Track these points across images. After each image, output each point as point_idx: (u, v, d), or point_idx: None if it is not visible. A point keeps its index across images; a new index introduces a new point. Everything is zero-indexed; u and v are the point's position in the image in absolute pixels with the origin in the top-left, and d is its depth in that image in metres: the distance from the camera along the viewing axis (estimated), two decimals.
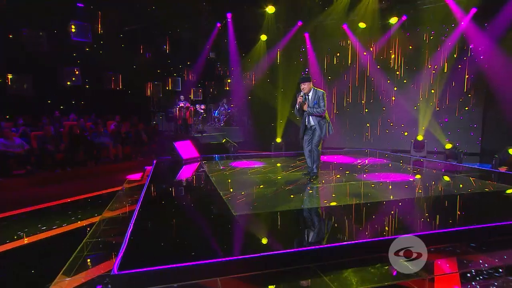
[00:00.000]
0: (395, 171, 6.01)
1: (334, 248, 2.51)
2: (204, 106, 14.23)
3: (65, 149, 7.88)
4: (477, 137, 9.03)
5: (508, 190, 4.48)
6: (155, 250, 2.62)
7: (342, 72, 10.48)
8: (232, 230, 3.16)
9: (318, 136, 4.72)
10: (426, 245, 2.56)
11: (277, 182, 5.05)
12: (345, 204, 3.88)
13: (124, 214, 4.05)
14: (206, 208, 3.97)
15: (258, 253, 2.42)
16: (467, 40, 8.59)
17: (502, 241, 2.89)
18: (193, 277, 2.23)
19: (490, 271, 2.45)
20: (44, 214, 4.36)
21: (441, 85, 8.95)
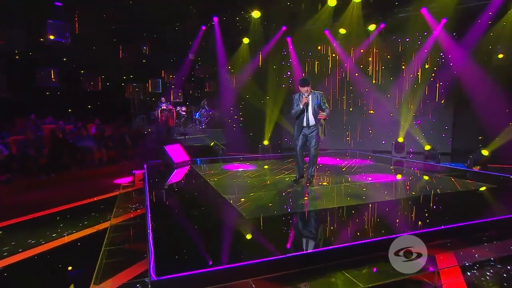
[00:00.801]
0: (385, 172, 6.43)
1: (355, 246, 2.73)
2: (186, 108, 14.16)
3: (48, 154, 7.63)
4: (448, 138, 9.73)
5: (482, 188, 4.99)
6: (183, 255, 2.71)
7: (324, 77, 10.87)
8: (249, 234, 3.30)
9: (316, 142, 4.87)
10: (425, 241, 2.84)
11: (276, 185, 5.23)
12: (350, 204, 4.14)
13: (133, 220, 4.07)
14: (217, 213, 4.06)
15: (282, 254, 2.59)
16: (440, 47, 9.24)
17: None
18: (227, 280, 2.36)
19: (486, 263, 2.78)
20: (43, 223, 4.25)
21: (417, 90, 9.56)
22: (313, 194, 4.66)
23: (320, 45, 10.89)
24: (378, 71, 10.37)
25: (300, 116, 4.90)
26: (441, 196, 4.50)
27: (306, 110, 4.85)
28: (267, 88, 10.93)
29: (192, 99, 15.32)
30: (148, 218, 3.54)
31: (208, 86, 15.07)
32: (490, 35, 8.62)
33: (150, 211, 3.77)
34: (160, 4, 10.53)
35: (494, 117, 7.90)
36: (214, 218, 3.88)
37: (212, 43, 11.36)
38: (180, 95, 14.95)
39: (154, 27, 12.55)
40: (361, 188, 5.04)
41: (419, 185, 5.31)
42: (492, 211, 3.99)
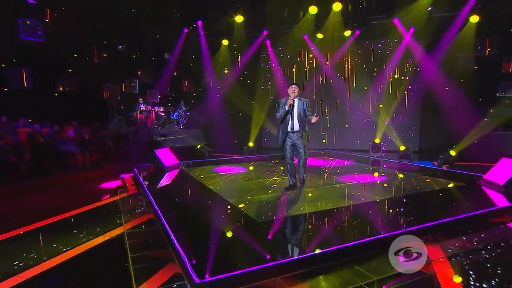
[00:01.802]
0: (368, 173, 6.99)
1: (369, 242, 3.13)
2: (163, 109, 14.05)
3: (30, 160, 7.39)
4: (416, 137, 10.60)
5: (451, 185, 5.66)
6: (213, 257, 2.95)
7: (303, 79, 11.34)
8: (265, 236, 3.59)
9: (304, 150, 5.00)
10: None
11: (272, 188, 5.55)
12: (348, 205, 4.55)
13: (146, 225, 4.21)
14: (227, 216, 4.28)
15: (303, 254, 2.92)
16: (410, 54, 10.02)
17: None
18: (260, 278, 2.64)
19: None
20: (52, 232, 4.24)
21: (390, 94, 10.33)
22: (311, 196, 5.01)
23: (300, 49, 11.33)
24: (354, 75, 11.03)
25: (285, 120, 4.96)
26: (422, 195, 5.07)
27: (292, 116, 4.92)
28: (251, 90, 11.22)
29: (169, 99, 15.18)
30: (164, 224, 3.71)
31: (185, 86, 15.03)
32: (454, 44, 9.51)
33: (163, 216, 3.94)
34: (138, 4, 10.43)
35: (459, 120, 8.80)
36: (226, 221, 4.11)
37: (193, 45, 11.40)
38: (157, 95, 14.81)
39: (131, 27, 12.32)
40: (352, 189, 5.50)
41: (402, 185, 5.83)
42: (466, 207, 4.58)
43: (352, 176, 6.49)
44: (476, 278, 2.80)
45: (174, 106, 14.68)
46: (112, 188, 6.74)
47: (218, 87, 11.87)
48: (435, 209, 4.44)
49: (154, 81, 14.66)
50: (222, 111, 11.38)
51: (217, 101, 11.53)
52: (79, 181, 7.64)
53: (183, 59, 13.55)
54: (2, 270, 3.09)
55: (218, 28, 10.28)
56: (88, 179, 7.72)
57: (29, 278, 2.98)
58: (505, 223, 4.07)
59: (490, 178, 5.42)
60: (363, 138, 10.66)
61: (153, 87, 14.61)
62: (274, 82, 11.58)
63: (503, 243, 3.54)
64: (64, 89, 11.88)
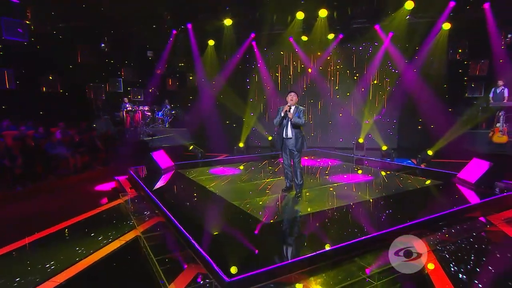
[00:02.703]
0: (356, 173, 7.55)
1: (369, 239, 3.59)
2: (149, 108, 14.02)
3: (23, 164, 7.36)
4: (395, 136, 11.33)
5: (430, 183, 6.30)
6: (232, 256, 3.31)
7: (289, 84, 11.81)
8: (278, 235, 3.99)
9: (299, 156, 5.29)
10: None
11: (270, 189, 5.95)
12: (345, 204, 5.02)
13: (159, 228, 4.47)
14: (236, 218, 4.60)
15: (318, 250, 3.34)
16: (390, 57, 10.67)
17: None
18: (281, 274, 3.04)
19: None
20: (66, 237, 4.42)
21: (372, 94, 10.97)
22: (307, 197, 5.42)
23: (285, 51, 11.73)
24: (337, 77, 11.58)
25: (281, 127, 5.25)
26: (407, 194, 5.64)
27: (287, 123, 5.19)
28: (240, 91, 11.52)
29: (154, 98, 15.11)
30: (180, 228, 4.00)
31: (169, 85, 15.05)
32: (430, 48, 10.24)
33: (176, 220, 4.23)
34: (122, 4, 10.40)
35: (433, 119, 9.56)
36: (236, 223, 4.44)
37: (181, 45, 11.52)
38: (142, 94, 14.75)
39: (114, 26, 12.22)
40: (344, 189, 5.99)
41: (388, 185, 6.34)
42: (444, 204, 5.13)
43: (342, 176, 7.01)
44: (455, 265, 3.33)
45: (159, 105, 14.70)
46: (108, 191, 6.91)
47: (213, 87, 12.01)
48: (419, 207, 4.99)
49: (138, 79, 14.62)
50: (212, 111, 11.58)
51: (207, 101, 11.71)
52: (73, 184, 7.69)
53: (170, 59, 13.60)
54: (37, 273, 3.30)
55: (206, 29, 10.45)
56: (82, 182, 7.79)
57: (62, 282, 3.22)
58: (476, 218, 4.68)
59: (463, 177, 6.08)
60: (346, 137, 11.29)
61: (137, 86, 14.57)
62: (261, 83, 11.93)
63: (475, 235, 4.13)
64: (48, 90, 11.67)
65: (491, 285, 3.06)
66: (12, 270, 3.48)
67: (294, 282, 3.05)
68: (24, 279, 3.25)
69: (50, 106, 11.57)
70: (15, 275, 3.32)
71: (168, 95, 14.49)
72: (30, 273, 3.37)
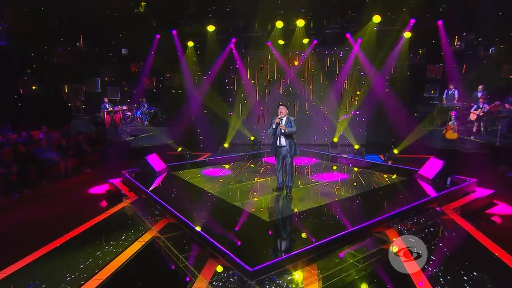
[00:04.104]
0: (333, 171, 8.53)
1: (357, 230, 4.48)
2: (127, 107, 14.14)
3: (17, 171, 7.52)
4: (363, 133, 12.49)
5: (396, 179, 7.40)
6: (248, 249, 4.05)
7: (271, 85, 12.59)
8: (279, 231, 4.75)
9: (291, 161, 6.06)
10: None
11: (262, 190, 6.70)
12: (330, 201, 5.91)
13: (172, 228, 5.07)
14: (238, 217, 5.28)
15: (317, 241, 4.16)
16: (359, 62, 11.72)
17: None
18: (291, 262, 3.83)
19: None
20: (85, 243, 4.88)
21: (345, 98, 12.05)
22: (296, 196, 6.25)
23: (264, 54, 12.43)
24: (312, 79, 12.52)
25: (275, 136, 5.95)
26: (380, 190, 6.69)
27: (280, 133, 5.81)
28: (222, 92, 12.12)
29: (130, 97, 15.16)
30: (194, 227, 4.66)
31: (146, 83, 15.12)
32: (393, 54, 11.41)
33: (188, 221, 4.87)
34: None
35: (396, 117, 10.80)
36: (242, 222, 5.15)
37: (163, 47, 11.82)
38: (118, 93, 14.78)
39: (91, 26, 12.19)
40: (327, 187, 6.91)
41: (363, 182, 7.27)
42: (409, 198, 6.17)
43: (323, 174, 7.95)
44: None
45: (137, 104, 14.82)
46: (103, 194, 7.24)
47: (196, 87, 12.34)
48: (390, 201, 6.02)
49: (115, 78, 14.64)
50: (194, 110, 12.01)
51: (190, 101, 12.08)
52: (67, 188, 7.86)
53: (153, 60, 13.73)
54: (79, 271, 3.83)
55: (187, 32, 10.86)
56: (75, 186, 7.99)
57: (104, 280, 3.78)
58: (434, 208, 5.76)
59: (423, 173, 7.22)
60: (320, 135, 12.34)
61: (115, 85, 14.58)
62: (241, 85, 12.57)
63: (433, 222, 5.19)
64: (24, 91, 11.51)
65: (443, 259, 4.04)
66: (57, 269, 3.98)
67: (300, 268, 3.86)
68: (70, 278, 3.78)
69: (28, 108, 11.46)
70: (63, 274, 3.85)
71: (146, 94, 14.62)
72: (73, 272, 3.90)
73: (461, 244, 4.60)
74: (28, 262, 4.16)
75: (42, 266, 4.14)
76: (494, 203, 6.06)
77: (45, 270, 4.04)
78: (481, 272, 3.71)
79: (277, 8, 9.96)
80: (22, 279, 3.83)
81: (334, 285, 3.57)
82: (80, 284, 3.66)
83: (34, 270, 4.02)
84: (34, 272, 3.99)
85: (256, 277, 3.56)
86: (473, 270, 3.76)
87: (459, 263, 3.96)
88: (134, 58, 14.67)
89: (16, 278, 3.85)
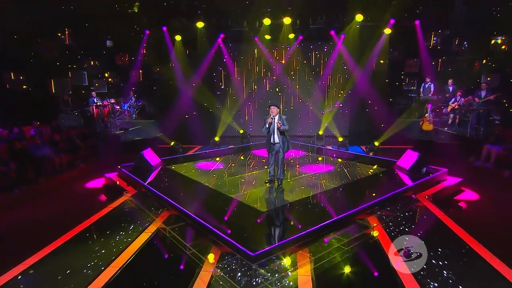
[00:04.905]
0: (320, 163, 9.12)
1: (343, 217, 5.08)
2: (114, 100, 14.22)
3: (16, 168, 7.71)
4: (346, 124, 13.14)
5: (377, 169, 8.08)
6: (248, 237, 4.58)
7: (257, 76, 12.98)
8: (273, 220, 5.31)
9: (283, 156, 6.64)
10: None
11: (254, 183, 7.23)
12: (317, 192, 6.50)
13: (175, 221, 5.52)
14: (238, 209, 5.80)
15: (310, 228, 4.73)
16: (342, 56, 12.27)
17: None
18: (284, 248, 4.38)
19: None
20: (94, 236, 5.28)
21: (329, 92, 12.65)
22: (287, 187, 6.81)
23: (251, 49, 12.78)
24: (297, 73, 13.01)
25: (268, 134, 6.51)
26: (363, 180, 7.35)
27: (273, 131, 6.39)
28: (211, 86, 12.47)
29: (117, 90, 15.19)
30: (197, 219, 5.13)
31: (134, 76, 15.15)
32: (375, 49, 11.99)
33: (191, 213, 5.34)
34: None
35: (378, 109, 11.50)
36: (239, 212, 5.67)
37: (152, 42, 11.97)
38: (105, 86, 14.77)
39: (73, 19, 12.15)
40: (313, 179, 7.49)
41: (347, 173, 7.91)
42: (389, 187, 6.81)
43: (310, 166, 8.54)
44: (399, 232, 4.96)
45: (124, 97, 14.90)
46: (100, 188, 7.59)
47: (185, 81, 12.53)
48: (371, 191, 6.65)
49: (101, 72, 14.63)
50: (186, 105, 12.29)
51: (183, 96, 12.33)
52: (64, 184, 8.14)
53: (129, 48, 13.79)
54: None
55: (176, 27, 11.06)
56: (71, 181, 8.28)
57: (120, 266, 4.22)
58: (410, 196, 6.45)
59: (400, 164, 7.92)
60: (305, 127, 12.95)
61: (100, 78, 14.56)
62: (229, 79, 12.93)
63: (408, 209, 5.87)
64: (11, 86, 11.46)
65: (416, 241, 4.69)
66: (78, 257, 4.43)
67: (294, 252, 4.43)
68: (90, 264, 4.24)
69: (16, 103, 11.43)
70: (84, 261, 4.32)
71: (133, 87, 14.70)
72: (92, 259, 4.36)
73: (430, 227, 5.29)
74: (51, 250, 4.63)
75: (64, 253, 4.58)
76: (462, 190, 6.82)
77: (68, 257, 4.49)
78: (446, 252, 4.38)
79: (265, 6, 10.30)
80: (49, 265, 4.31)
81: (323, 266, 4.16)
82: (101, 270, 4.10)
83: (58, 257, 4.49)
84: (58, 258, 4.46)
85: (257, 261, 4.09)
86: (439, 250, 4.42)
87: (428, 244, 4.61)
88: (120, 51, 14.65)
89: (44, 264, 4.33)
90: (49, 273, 4.09)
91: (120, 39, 13.59)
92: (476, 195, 6.60)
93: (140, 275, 4.06)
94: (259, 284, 3.77)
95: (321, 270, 4.06)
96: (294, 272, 4.02)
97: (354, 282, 3.90)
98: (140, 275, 4.06)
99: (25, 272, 4.12)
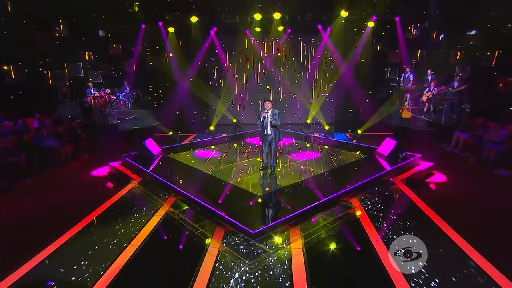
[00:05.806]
0: (308, 150, 9.94)
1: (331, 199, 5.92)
2: (110, 90, 14.59)
3: (26, 159, 8.20)
4: (332, 112, 13.96)
5: (357, 153, 8.97)
6: (248, 217, 5.37)
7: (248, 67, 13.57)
8: (269, 203, 6.13)
9: (276, 145, 7.38)
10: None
11: (249, 169, 7.99)
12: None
13: (181, 205, 6.25)
14: (236, 193, 6.56)
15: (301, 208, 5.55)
16: (328, 49, 12.94)
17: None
18: (279, 226, 5.19)
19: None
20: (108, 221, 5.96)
21: (317, 83, 13.37)
22: (279, 172, 7.63)
23: (242, 41, 13.30)
24: (286, 65, 13.66)
25: (262, 127, 7.22)
26: (347, 166, 8.21)
27: (266, 124, 7.09)
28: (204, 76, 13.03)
29: (112, 80, 15.48)
30: (201, 203, 5.86)
31: (127, 66, 15.42)
32: (358, 42, 12.70)
33: (195, 198, 6.07)
34: None
35: (361, 98, 12.33)
36: (238, 196, 6.43)
37: None
38: (100, 76, 15.05)
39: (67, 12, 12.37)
40: (303, 165, 8.31)
41: (332, 160, 8.76)
42: (370, 171, 7.63)
43: (299, 153, 9.35)
44: (377, 211, 5.83)
45: (118, 87, 15.23)
46: (106, 176, 8.23)
47: (179, 72, 12.99)
48: (354, 175, 7.52)
49: (96, 62, 14.88)
50: (182, 95, 12.83)
51: (179, 86, 12.84)
52: (71, 173, 8.69)
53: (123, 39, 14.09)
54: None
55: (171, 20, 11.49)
56: (78, 171, 8.84)
57: (139, 245, 4.96)
58: (388, 180, 7.33)
59: (380, 151, 8.80)
60: (293, 115, 13.73)
61: (96, 68, 14.83)
62: (222, 70, 13.50)
63: (387, 190, 6.76)
64: (10, 79, 11.72)
65: (393, 219, 5.57)
66: (101, 236, 5.13)
67: (287, 229, 5.24)
68: (113, 242, 4.97)
69: (16, 95, 11.74)
70: (106, 239, 5.04)
71: (129, 77, 15.01)
72: (114, 237, 5.08)
73: (404, 207, 6.18)
74: (76, 232, 5.33)
75: (90, 233, 5.31)
76: (433, 173, 7.76)
77: (92, 236, 5.21)
78: (413, 224, 5.27)
79: (256, 1, 10.83)
80: (79, 242, 5.05)
81: (312, 241, 4.98)
82: (124, 247, 4.84)
83: (86, 235, 5.22)
84: (86, 236, 5.19)
85: (257, 237, 4.90)
86: (407, 223, 5.32)
87: (400, 220, 5.50)
88: (114, 41, 14.87)
89: (74, 241, 5.06)
90: (81, 248, 4.81)
91: (116, 31, 13.84)
92: (444, 178, 7.56)
93: (157, 251, 4.82)
94: (259, 255, 4.58)
95: (311, 244, 4.87)
96: (288, 246, 4.84)
97: (339, 254, 4.71)
98: (158, 251, 4.81)
99: (61, 247, 4.85)
